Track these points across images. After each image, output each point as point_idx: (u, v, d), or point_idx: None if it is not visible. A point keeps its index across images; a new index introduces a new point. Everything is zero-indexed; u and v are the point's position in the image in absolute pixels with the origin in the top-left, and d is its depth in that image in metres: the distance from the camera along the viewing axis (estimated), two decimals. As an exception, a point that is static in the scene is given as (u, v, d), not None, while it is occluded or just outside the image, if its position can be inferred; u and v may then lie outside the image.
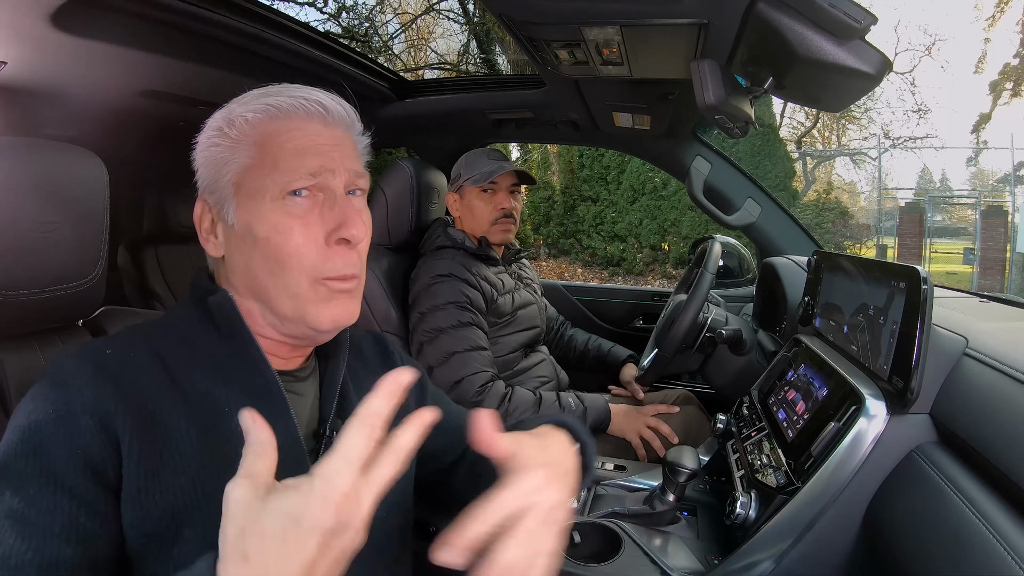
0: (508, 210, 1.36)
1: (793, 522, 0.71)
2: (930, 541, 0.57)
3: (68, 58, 1.02)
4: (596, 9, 0.77)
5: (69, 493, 0.45)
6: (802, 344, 0.96)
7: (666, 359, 1.19)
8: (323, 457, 0.36)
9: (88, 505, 0.46)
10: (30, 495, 0.44)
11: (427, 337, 1.21)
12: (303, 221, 0.54)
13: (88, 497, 0.46)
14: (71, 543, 0.44)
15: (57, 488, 0.45)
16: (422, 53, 9.41)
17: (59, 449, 0.46)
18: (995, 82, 10.29)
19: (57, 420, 0.46)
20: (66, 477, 0.45)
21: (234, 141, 0.55)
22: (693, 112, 1.29)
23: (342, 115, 0.58)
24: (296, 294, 0.55)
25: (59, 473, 0.45)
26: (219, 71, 1.19)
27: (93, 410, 0.47)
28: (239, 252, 0.56)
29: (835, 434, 0.70)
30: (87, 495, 0.46)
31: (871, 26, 0.63)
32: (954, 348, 0.70)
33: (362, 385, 0.68)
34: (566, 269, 8.63)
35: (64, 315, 0.69)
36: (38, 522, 0.44)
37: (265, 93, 0.56)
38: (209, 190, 0.57)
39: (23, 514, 0.44)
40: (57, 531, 0.44)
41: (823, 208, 8.72)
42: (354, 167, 0.57)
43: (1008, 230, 8.33)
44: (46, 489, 0.45)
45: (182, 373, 0.54)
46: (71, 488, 0.45)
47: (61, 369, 0.49)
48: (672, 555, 0.81)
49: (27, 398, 0.49)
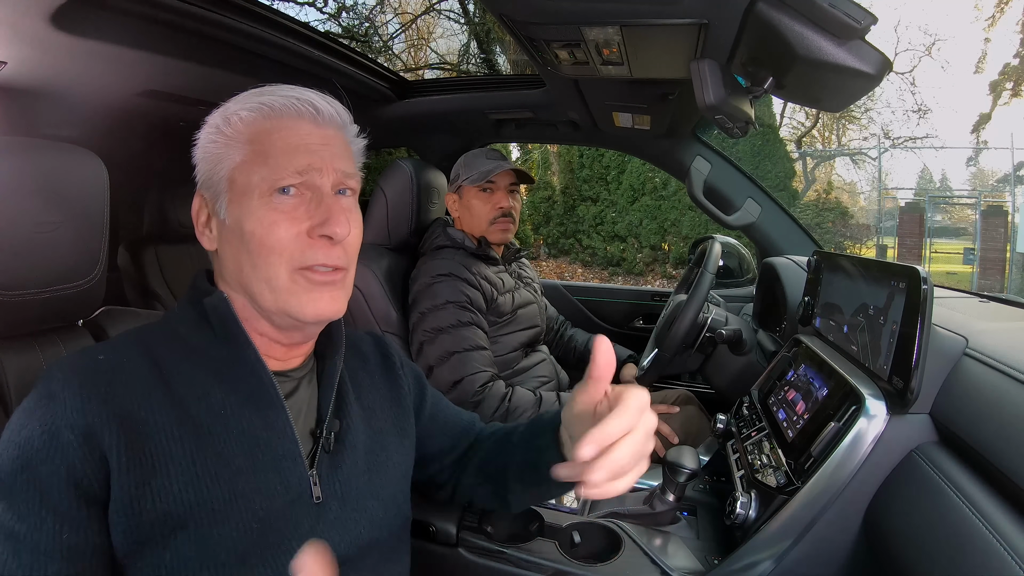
0: (506, 209, 1.36)
1: (793, 522, 0.71)
2: (930, 541, 0.57)
3: (68, 58, 1.02)
4: (596, 9, 0.77)
5: (53, 511, 0.46)
6: (802, 344, 0.96)
7: (666, 359, 1.19)
8: (320, 458, 0.36)
9: (72, 521, 0.46)
10: (21, 511, 0.45)
11: (427, 337, 1.21)
12: (289, 216, 0.55)
13: (72, 513, 0.46)
14: (56, 560, 0.45)
15: (43, 505, 0.46)
16: (422, 53, 9.41)
17: (44, 465, 0.46)
18: (995, 82, 10.29)
19: (42, 435, 0.47)
20: (51, 494, 0.46)
21: (229, 138, 0.56)
22: (693, 112, 1.29)
23: (333, 116, 0.59)
24: (276, 287, 0.55)
25: (44, 490, 0.46)
26: (219, 71, 1.19)
27: (77, 425, 0.47)
28: (229, 246, 0.57)
29: (835, 434, 0.70)
30: (71, 511, 0.46)
31: (871, 26, 0.63)
32: (954, 348, 0.70)
33: (360, 386, 0.68)
34: (566, 269, 8.63)
35: (64, 315, 0.69)
36: (28, 539, 0.45)
37: (260, 92, 0.57)
38: (206, 185, 0.58)
39: (14, 530, 0.45)
40: (43, 548, 0.45)
41: (823, 208, 8.71)
42: (343, 167, 0.58)
43: (1008, 230, 8.33)
44: (34, 505, 0.46)
45: (178, 376, 0.54)
46: (55, 505, 0.46)
47: (50, 382, 0.50)
48: (672, 555, 0.81)
49: (18, 411, 0.49)
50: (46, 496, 0.46)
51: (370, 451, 0.64)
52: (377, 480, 0.63)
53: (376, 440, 0.65)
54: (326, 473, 0.58)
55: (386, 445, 0.66)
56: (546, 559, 0.80)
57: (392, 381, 0.72)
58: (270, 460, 0.54)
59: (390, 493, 0.65)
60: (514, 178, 1.38)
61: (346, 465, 0.60)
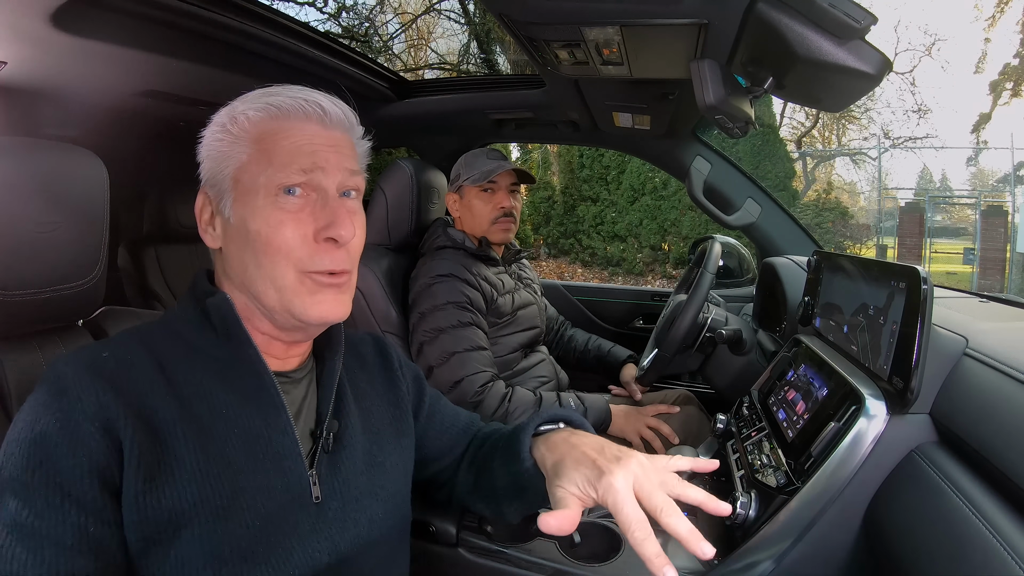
0: (508, 209, 1.36)
1: (793, 522, 0.71)
2: (930, 541, 0.57)
3: (68, 58, 1.02)
4: (596, 9, 0.77)
5: (77, 503, 0.45)
6: (802, 344, 0.96)
7: (666, 359, 1.18)
8: (319, 458, 0.36)
9: (97, 514, 0.46)
10: (39, 508, 0.44)
11: (427, 337, 1.21)
12: (295, 217, 0.55)
13: (97, 506, 0.46)
14: (84, 554, 0.45)
15: (65, 499, 0.45)
16: (422, 53, 9.41)
17: (65, 459, 0.46)
18: (995, 82, 10.29)
19: (61, 429, 0.46)
20: (73, 487, 0.45)
21: (235, 137, 0.56)
22: (693, 112, 1.29)
23: (341, 118, 0.59)
24: (282, 286, 0.55)
25: (66, 483, 0.45)
26: (219, 71, 1.19)
27: (95, 416, 0.47)
28: (234, 245, 0.57)
29: (835, 434, 0.70)
30: (96, 504, 0.46)
31: (871, 26, 0.63)
32: (954, 348, 0.70)
33: (359, 386, 0.68)
34: (566, 269, 8.63)
35: (64, 315, 0.69)
36: (50, 535, 0.44)
37: (267, 93, 0.57)
38: (210, 183, 0.58)
39: (33, 527, 0.44)
40: (70, 543, 0.44)
41: (823, 208, 8.71)
42: (349, 168, 0.58)
43: (1008, 230, 8.33)
44: (54, 500, 0.45)
45: (180, 376, 0.54)
46: (79, 498, 0.45)
47: (59, 376, 0.49)
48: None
49: (26, 408, 0.49)
50: (68, 490, 0.45)
51: (369, 451, 0.64)
52: (376, 480, 0.63)
53: (375, 441, 0.65)
54: (325, 473, 0.58)
55: (384, 445, 0.66)
56: (546, 559, 0.80)
57: (391, 382, 0.72)
58: (271, 459, 0.54)
59: (390, 493, 0.65)
60: (515, 178, 1.38)
61: (345, 465, 0.60)
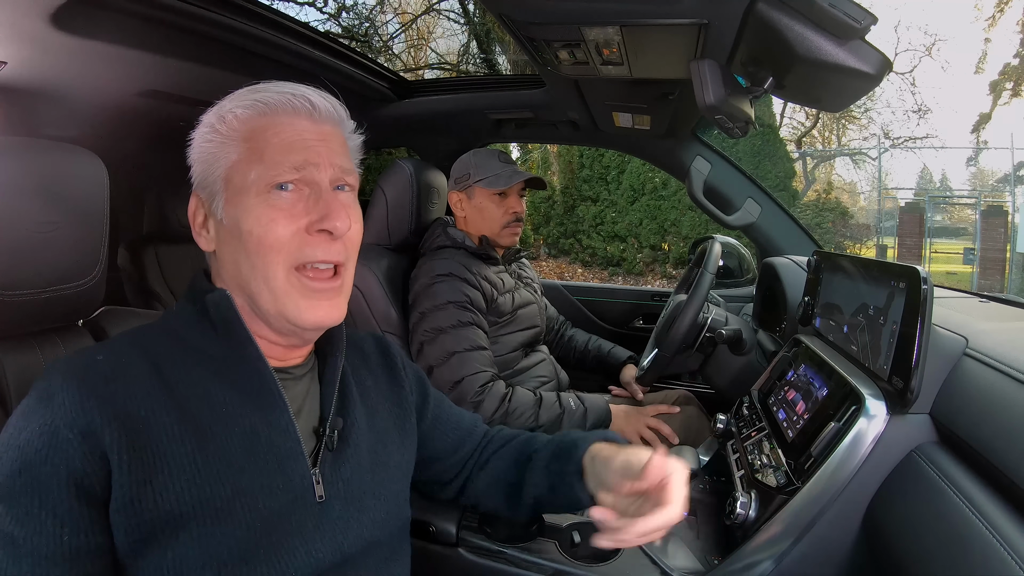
0: (520, 215, 1.37)
1: (793, 522, 0.71)
2: (930, 541, 0.57)
3: (68, 58, 1.02)
4: (596, 9, 0.77)
5: (52, 513, 0.45)
6: (802, 344, 0.96)
7: (666, 359, 1.18)
8: (323, 456, 0.36)
9: (72, 523, 0.46)
10: (19, 515, 0.45)
11: (427, 337, 1.21)
12: (287, 213, 0.54)
13: (72, 514, 0.46)
14: (58, 564, 0.45)
15: (42, 507, 0.45)
16: (422, 53, 9.41)
17: (43, 466, 0.46)
18: (995, 82, 10.28)
19: (41, 436, 0.46)
20: (50, 495, 0.45)
21: (224, 137, 0.55)
22: (693, 112, 1.29)
23: (330, 112, 0.58)
24: (274, 287, 0.55)
25: (43, 491, 0.45)
26: (219, 71, 1.19)
27: (76, 423, 0.47)
28: (227, 246, 0.56)
29: (835, 434, 0.70)
30: (71, 512, 0.46)
31: (871, 26, 0.63)
32: (954, 348, 0.70)
33: (363, 384, 0.68)
34: (566, 269, 8.62)
35: (64, 315, 0.69)
36: (27, 543, 0.44)
37: (254, 90, 0.57)
38: (202, 186, 0.57)
39: (14, 535, 0.44)
40: (44, 552, 0.45)
41: (823, 208, 8.70)
42: (341, 162, 0.57)
43: (1008, 230, 8.32)
44: (32, 508, 0.45)
45: (178, 375, 0.53)
46: (53, 507, 0.45)
47: (48, 384, 0.49)
48: (672, 555, 0.81)
49: (17, 413, 0.49)
50: (45, 498, 0.45)
51: (373, 450, 0.63)
52: (379, 479, 0.63)
53: (379, 439, 0.65)
54: (329, 471, 0.58)
55: (388, 444, 0.66)
56: (546, 559, 0.79)
57: (394, 381, 0.72)
58: (272, 458, 0.54)
59: (391, 492, 0.65)
60: (523, 183, 1.38)
61: (349, 463, 0.60)
